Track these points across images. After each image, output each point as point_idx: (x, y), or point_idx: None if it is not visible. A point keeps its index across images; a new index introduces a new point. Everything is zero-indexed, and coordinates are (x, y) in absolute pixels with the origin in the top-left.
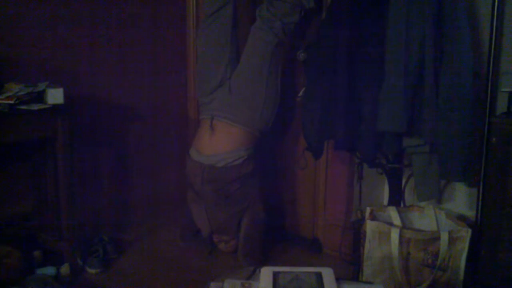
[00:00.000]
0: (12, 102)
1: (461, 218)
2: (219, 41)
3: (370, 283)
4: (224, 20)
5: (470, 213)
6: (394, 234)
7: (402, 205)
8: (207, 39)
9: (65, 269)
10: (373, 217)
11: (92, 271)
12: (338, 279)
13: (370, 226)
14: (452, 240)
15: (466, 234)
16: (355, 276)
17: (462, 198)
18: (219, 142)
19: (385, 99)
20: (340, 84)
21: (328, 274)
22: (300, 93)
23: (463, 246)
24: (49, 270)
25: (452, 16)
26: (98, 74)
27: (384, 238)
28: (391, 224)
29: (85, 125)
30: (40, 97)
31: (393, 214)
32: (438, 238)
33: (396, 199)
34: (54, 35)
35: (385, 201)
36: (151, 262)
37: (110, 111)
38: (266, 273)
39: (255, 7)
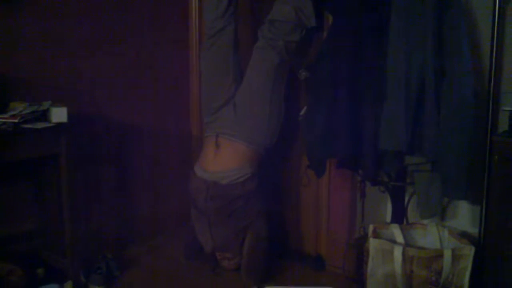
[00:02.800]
0: (16, 120)
1: (464, 235)
2: (222, 61)
3: None
4: (226, 40)
5: (473, 231)
6: (397, 252)
7: (405, 222)
8: (210, 60)
9: (68, 286)
10: (376, 235)
11: None
12: None
13: (373, 243)
14: (455, 258)
15: (469, 251)
16: None
17: (465, 216)
18: (224, 159)
19: (387, 118)
20: (341, 103)
21: None
22: (302, 112)
23: (467, 264)
24: None
25: (452, 35)
26: (100, 92)
27: (387, 256)
28: (394, 241)
29: (87, 143)
30: (44, 115)
31: (396, 231)
32: (441, 256)
33: (399, 216)
34: (56, 54)
35: (388, 219)
36: (154, 279)
37: (112, 129)
38: None
39: (255, 26)
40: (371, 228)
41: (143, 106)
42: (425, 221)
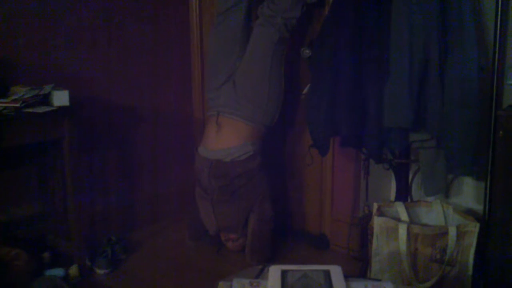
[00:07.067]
0: (18, 105)
1: (468, 212)
2: (230, 38)
3: (378, 280)
4: (237, 17)
5: (478, 207)
6: (402, 230)
7: (409, 200)
8: (218, 36)
9: (73, 270)
10: (381, 213)
11: (100, 272)
12: (346, 276)
13: (377, 222)
14: (460, 235)
15: (474, 228)
16: (363, 272)
17: (469, 192)
18: (225, 138)
19: (391, 95)
20: (344, 80)
21: (336, 272)
22: (305, 90)
23: (471, 241)
24: (58, 272)
25: (456, 9)
26: (101, 76)
27: (392, 234)
28: (398, 219)
29: (90, 127)
30: (46, 99)
31: (400, 209)
32: (446, 233)
33: (403, 194)
34: (57, 38)
35: (392, 197)
36: (159, 262)
37: (114, 113)
38: (274, 272)
39: None
40: (375, 206)
41: (145, 89)
42: (430, 199)
